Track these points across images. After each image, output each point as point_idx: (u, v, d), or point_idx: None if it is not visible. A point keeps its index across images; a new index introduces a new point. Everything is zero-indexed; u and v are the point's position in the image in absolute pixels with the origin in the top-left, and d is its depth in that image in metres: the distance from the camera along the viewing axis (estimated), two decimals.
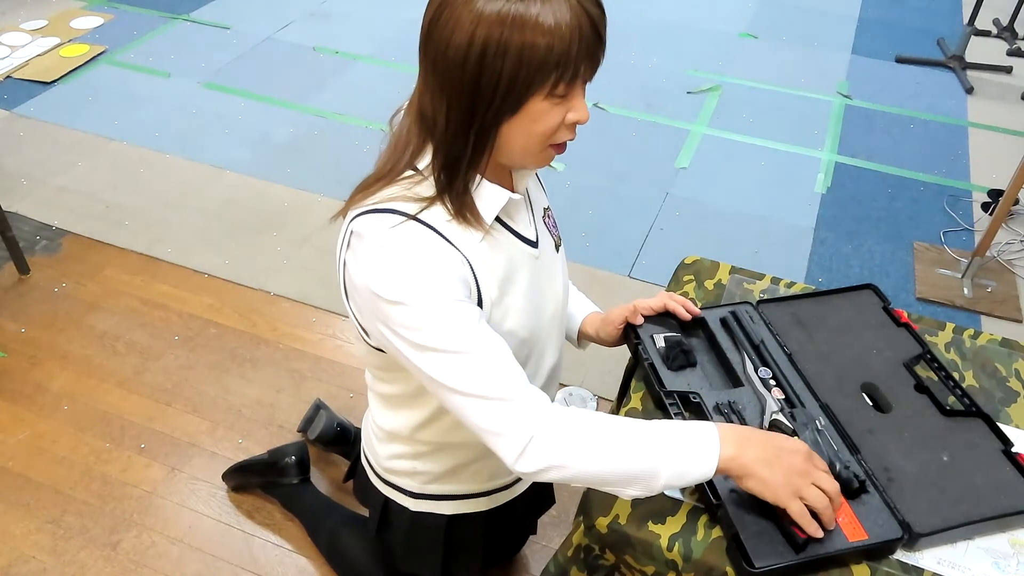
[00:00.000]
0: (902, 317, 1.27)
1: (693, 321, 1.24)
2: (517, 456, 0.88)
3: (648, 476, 0.89)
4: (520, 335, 1.01)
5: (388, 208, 0.90)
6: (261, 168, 2.85)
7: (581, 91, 0.89)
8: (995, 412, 1.15)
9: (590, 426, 0.89)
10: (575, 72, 0.84)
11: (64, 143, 2.96)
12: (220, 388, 2.05)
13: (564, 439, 0.88)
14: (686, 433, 0.90)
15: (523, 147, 0.89)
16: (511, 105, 0.84)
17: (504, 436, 0.88)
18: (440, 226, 0.91)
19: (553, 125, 0.88)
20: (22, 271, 2.37)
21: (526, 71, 0.81)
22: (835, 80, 3.50)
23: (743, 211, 2.72)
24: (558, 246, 1.13)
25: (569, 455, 0.88)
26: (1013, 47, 3.80)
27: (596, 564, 1.06)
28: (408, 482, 1.21)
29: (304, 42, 3.66)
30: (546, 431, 0.88)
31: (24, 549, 1.69)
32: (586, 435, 0.89)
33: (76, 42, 3.60)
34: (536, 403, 0.89)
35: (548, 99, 0.85)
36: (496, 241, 0.97)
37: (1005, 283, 2.44)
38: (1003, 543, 0.98)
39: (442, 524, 1.23)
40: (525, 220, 1.04)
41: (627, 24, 3.90)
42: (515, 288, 0.99)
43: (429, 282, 0.87)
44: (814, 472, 0.92)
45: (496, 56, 0.80)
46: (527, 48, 0.80)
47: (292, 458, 1.72)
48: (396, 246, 0.88)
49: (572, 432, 0.89)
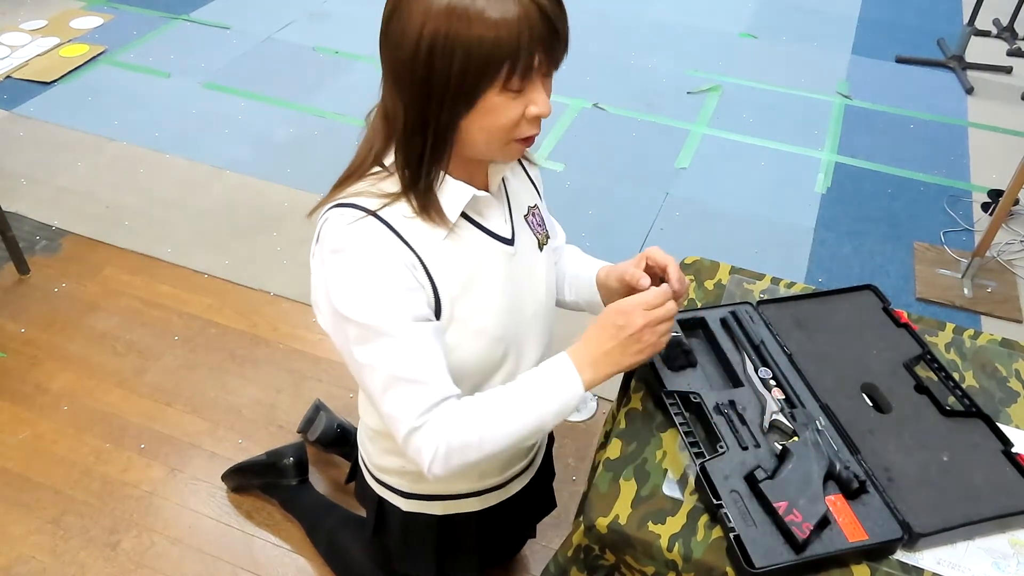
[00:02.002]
0: (902, 317, 1.27)
1: (693, 321, 1.24)
2: (403, 442, 0.93)
3: (536, 433, 0.97)
4: (493, 333, 1.01)
5: (351, 203, 0.91)
6: (261, 168, 2.85)
7: (540, 84, 0.87)
8: (995, 412, 1.15)
9: (476, 419, 0.94)
10: (528, 65, 0.82)
11: (64, 143, 2.96)
12: (220, 388, 2.05)
13: (453, 436, 0.92)
14: (550, 382, 0.96)
15: (485, 142, 0.89)
16: (464, 101, 0.83)
17: (398, 421, 0.92)
18: (399, 223, 0.91)
19: (512, 119, 0.86)
20: (22, 271, 2.37)
21: (475, 66, 0.81)
22: (835, 80, 3.50)
23: (743, 211, 2.72)
24: (542, 244, 1.11)
25: (461, 450, 0.93)
26: (1013, 47, 3.80)
27: (596, 564, 1.06)
28: (399, 481, 1.21)
29: (304, 42, 3.66)
30: (437, 428, 0.92)
31: (24, 549, 1.69)
32: (474, 428, 0.93)
33: (76, 42, 3.60)
34: (439, 405, 0.93)
35: (503, 93, 0.84)
36: (461, 238, 0.96)
37: (1005, 283, 2.44)
38: (1003, 543, 0.98)
39: (434, 524, 1.23)
40: (499, 217, 1.02)
41: (627, 24, 3.90)
42: (484, 285, 0.99)
43: (371, 290, 0.89)
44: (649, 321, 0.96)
45: (444, 52, 0.80)
46: (474, 42, 0.79)
47: (290, 459, 1.72)
48: (348, 250, 0.89)
49: (461, 429, 0.93)
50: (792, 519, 0.95)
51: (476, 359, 1.02)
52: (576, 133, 3.09)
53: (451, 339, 0.98)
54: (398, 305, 0.90)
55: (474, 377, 1.04)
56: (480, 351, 1.01)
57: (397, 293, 0.90)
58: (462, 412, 0.94)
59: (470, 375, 1.03)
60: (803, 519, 0.95)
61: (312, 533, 1.68)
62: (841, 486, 1.00)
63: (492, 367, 1.05)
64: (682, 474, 1.06)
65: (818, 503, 0.97)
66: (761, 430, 1.08)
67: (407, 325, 0.91)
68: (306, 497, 1.73)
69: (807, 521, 0.95)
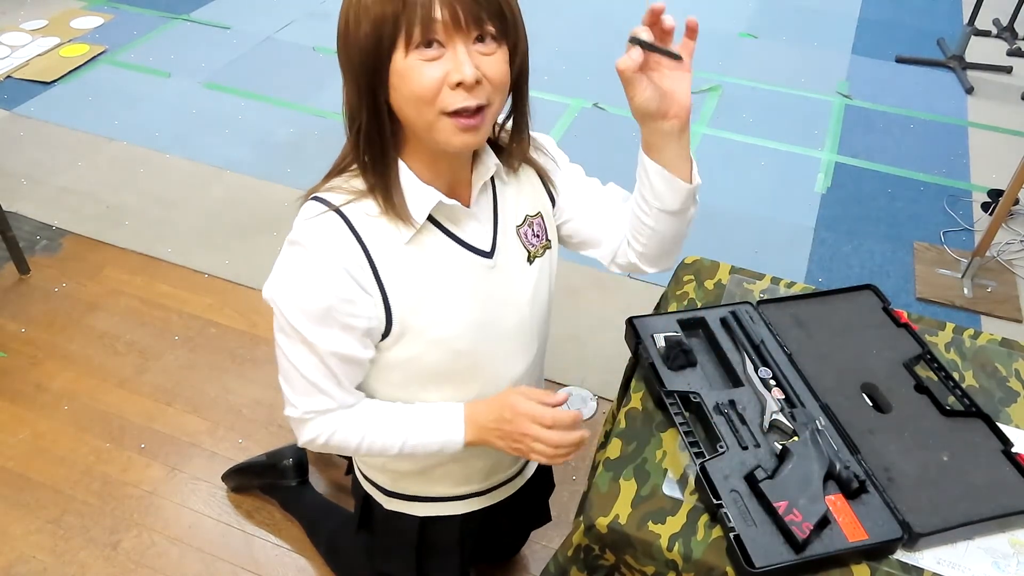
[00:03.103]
0: (902, 317, 1.27)
1: (693, 321, 1.24)
2: (286, 415, 1.02)
3: (411, 459, 1.07)
4: (455, 346, 0.99)
5: (319, 197, 0.92)
6: (261, 168, 2.85)
7: (462, 47, 0.81)
8: (995, 412, 1.15)
9: (362, 426, 1.01)
10: (427, 17, 0.79)
11: (64, 143, 2.96)
12: (220, 388, 2.05)
13: (334, 436, 1.00)
14: (439, 425, 1.01)
15: (415, 115, 0.84)
16: (379, 66, 0.82)
17: (288, 404, 1.00)
18: (360, 221, 0.90)
19: (427, 85, 0.81)
20: (22, 271, 2.37)
21: (376, 26, 0.80)
22: (835, 80, 3.50)
23: (743, 211, 2.72)
24: (534, 257, 1.06)
25: (338, 447, 1.02)
26: (1013, 47, 3.80)
27: (596, 564, 1.06)
28: (382, 478, 1.21)
29: (304, 42, 3.66)
30: (321, 426, 1.00)
31: (24, 549, 1.69)
32: (357, 433, 1.00)
33: (76, 42, 3.60)
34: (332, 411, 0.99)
35: (415, 52, 0.80)
36: (427, 245, 0.94)
37: (1005, 283, 2.44)
38: (1003, 543, 0.98)
39: (416, 526, 1.23)
40: (476, 229, 0.99)
41: (627, 24, 3.88)
42: (446, 296, 0.96)
43: (307, 296, 0.90)
44: (531, 434, 0.97)
45: (356, 21, 0.82)
46: (373, 2, 0.80)
47: (290, 460, 1.72)
48: (301, 245, 0.90)
49: (344, 432, 1.00)
50: (792, 519, 0.95)
51: (439, 369, 1.01)
52: (576, 133, 3.09)
53: (409, 347, 0.97)
54: (327, 317, 0.90)
55: (444, 387, 1.03)
56: (441, 361, 1.00)
57: (330, 305, 0.89)
58: (351, 418, 1.00)
59: (437, 384, 1.03)
60: (803, 519, 0.95)
61: (312, 534, 1.68)
62: (841, 486, 1.00)
63: (460, 378, 1.04)
64: (682, 474, 1.06)
65: (818, 503, 0.97)
66: (761, 430, 1.08)
67: (329, 338, 0.91)
68: (306, 498, 1.73)
69: (807, 521, 0.95)
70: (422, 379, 1.02)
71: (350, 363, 0.96)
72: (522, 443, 0.99)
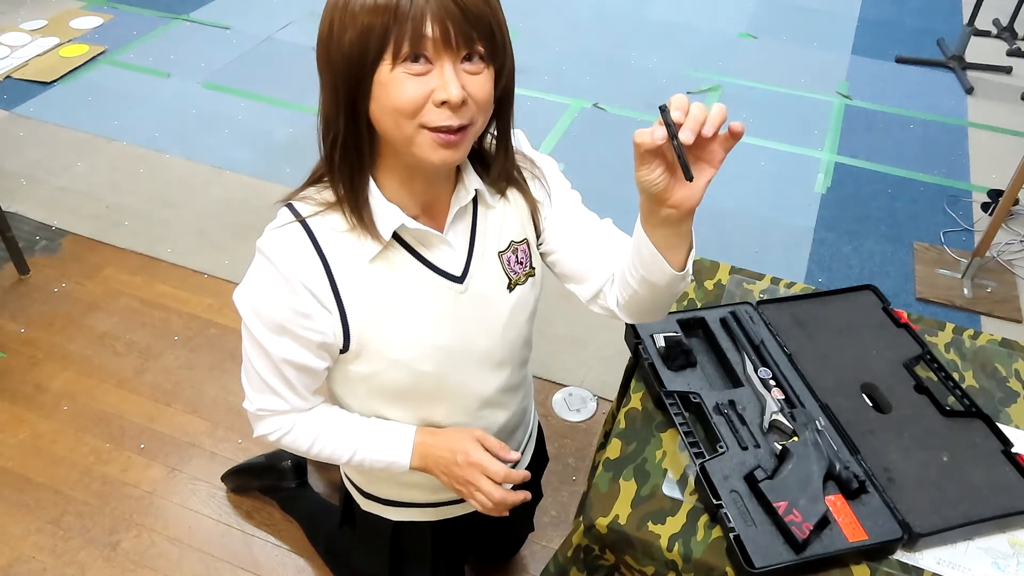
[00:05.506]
0: (902, 318, 1.27)
1: (693, 321, 1.24)
2: (244, 407, 1.02)
3: (357, 469, 1.11)
4: (419, 367, 0.97)
5: (290, 204, 0.92)
6: (261, 168, 2.85)
7: (449, 66, 0.79)
8: (995, 412, 1.15)
9: (314, 431, 1.02)
10: (417, 33, 0.77)
11: (64, 143, 2.96)
12: (220, 388, 2.05)
13: (286, 436, 1.02)
14: (387, 445, 1.02)
15: (394, 126, 0.82)
16: (362, 74, 0.81)
17: (247, 399, 1.01)
18: (324, 235, 0.89)
19: (410, 99, 0.79)
20: (22, 271, 2.37)
21: (363, 35, 0.78)
22: (835, 80, 3.50)
23: (743, 211, 2.72)
24: (514, 285, 1.02)
25: (289, 446, 1.03)
26: (1013, 47, 3.80)
27: (596, 564, 1.06)
28: (359, 479, 1.21)
29: (304, 42, 3.66)
30: (275, 425, 1.01)
31: (24, 549, 1.69)
32: (308, 437, 1.02)
33: (76, 42, 3.60)
34: (286, 413, 1.00)
35: (401, 66, 0.79)
36: (392, 264, 0.92)
37: (1005, 283, 2.44)
38: (1003, 543, 0.98)
39: (388, 529, 1.23)
40: (447, 253, 0.96)
41: (627, 24, 3.90)
42: (408, 317, 0.94)
43: (266, 306, 0.90)
44: (476, 484, 0.99)
45: (341, 27, 0.80)
46: (364, 11, 0.78)
47: (289, 462, 1.73)
48: (264, 253, 0.89)
49: (297, 434, 1.02)
50: (792, 519, 0.95)
51: (400, 387, 1.00)
52: (576, 133, 3.09)
53: (369, 364, 0.96)
54: (282, 328, 0.91)
55: (408, 404, 1.03)
56: (402, 381, 0.99)
57: (285, 316, 0.90)
58: (305, 422, 1.01)
59: (401, 401, 1.02)
60: (803, 519, 0.95)
61: (311, 535, 1.68)
62: (841, 486, 1.00)
63: (425, 397, 1.02)
64: (682, 474, 1.06)
65: (818, 503, 0.97)
66: (761, 430, 1.08)
67: (283, 346, 0.92)
68: (305, 499, 1.73)
69: (807, 521, 0.95)
70: (385, 395, 1.02)
71: (304, 371, 0.96)
72: (465, 488, 1.01)
